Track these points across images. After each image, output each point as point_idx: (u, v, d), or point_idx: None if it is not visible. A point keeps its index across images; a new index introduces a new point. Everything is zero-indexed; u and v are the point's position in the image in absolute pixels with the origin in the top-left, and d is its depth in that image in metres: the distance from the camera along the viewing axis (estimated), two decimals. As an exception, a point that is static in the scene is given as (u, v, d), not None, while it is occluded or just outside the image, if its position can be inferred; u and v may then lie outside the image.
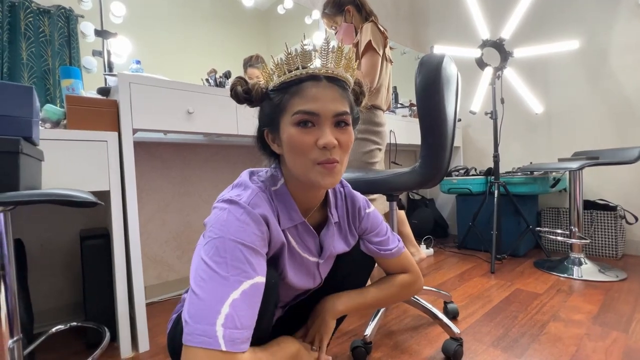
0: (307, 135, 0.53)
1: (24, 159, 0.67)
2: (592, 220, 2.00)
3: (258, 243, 0.52)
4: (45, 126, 1.07)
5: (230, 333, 0.44)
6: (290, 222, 0.61)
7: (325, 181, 0.54)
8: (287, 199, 0.61)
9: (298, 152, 0.54)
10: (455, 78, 1.02)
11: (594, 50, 2.13)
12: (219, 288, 0.46)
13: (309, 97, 0.53)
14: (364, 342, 0.99)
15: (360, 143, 1.52)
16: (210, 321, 0.44)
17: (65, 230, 1.36)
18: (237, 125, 1.36)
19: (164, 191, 1.63)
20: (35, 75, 1.38)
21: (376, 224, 0.76)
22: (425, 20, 3.05)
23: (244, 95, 0.60)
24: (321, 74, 0.55)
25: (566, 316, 1.23)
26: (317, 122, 0.53)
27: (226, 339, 0.43)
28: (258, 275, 0.50)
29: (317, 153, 0.53)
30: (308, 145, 0.53)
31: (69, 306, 1.36)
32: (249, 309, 0.47)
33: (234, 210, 0.53)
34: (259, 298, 0.50)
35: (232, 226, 0.51)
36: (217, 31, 1.99)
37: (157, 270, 1.61)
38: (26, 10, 1.37)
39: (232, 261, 0.48)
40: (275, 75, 0.57)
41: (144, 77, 1.18)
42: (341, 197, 0.73)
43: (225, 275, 0.47)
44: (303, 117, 0.53)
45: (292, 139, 0.54)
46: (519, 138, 2.49)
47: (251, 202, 0.55)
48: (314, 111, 0.53)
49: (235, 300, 0.46)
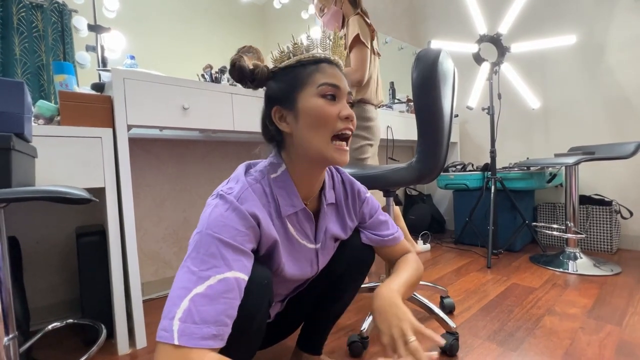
0: (332, 107, 0.57)
1: (16, 155, 0.67)
2: (588, 215, 2.02)
3: (239, 239, 0.51)
4: (39, 122, 1.06)
5: (186, 327, 0.42)
6: (292, 209, 0.62)
7: (341, 158, 0.58)
8: (289, 185, 0.61)
9: (321, 122, 0.57)
10: (452, 73, 1.02)
11: (591, 46, 2.13)
12: (185, 283, 0.46)
13: (329, 74, 0.58)
14: (360, 337, 1.00)
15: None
16: (170, 315, 0.44)
17: (61, 228, 1.35)
18: (233, 121, 1.35)
19: (160, 188, 1.63)
20: (29, 71, 1.36)
21: (375, 209, 0.78)
22: (422, 16, 3.04)
23: (249, 73, 0.60)
24: (334, 60, 0.61)
25: (561, 310, 1.24)
26: (339, 96, 0.58)
27: (180, 333, 0.42)
28: (232, 270, 0.48)
29: (340, 123, 0.57)
30: (333, 115, 0.57)
31: (65, 303, 1.36)
32: (212, 303, 0.45)
33: (220, 205, 0.53)
34: (233, 294, 0.48)
35: (213, 221, 0.51)
36: (213, 26, 1.97)
37: (154, 266, 1.61)
38: (19, 4, 1.35)
39: (204, 256, 0.48)
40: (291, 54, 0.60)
41: (139, 73, 1.16)
42: (338, 181, 0.74)
43: (194, 270, 0.47)
44: (329, 89, 0.57)
45: (318, 109, 0.57)
46: (516, 133, 2.49)
47: (241, 197, 0.55)
48: (338, 84, 0.58)
49: (197, 295, 0.45)
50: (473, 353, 0.98)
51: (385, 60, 2.87)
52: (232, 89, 1.37)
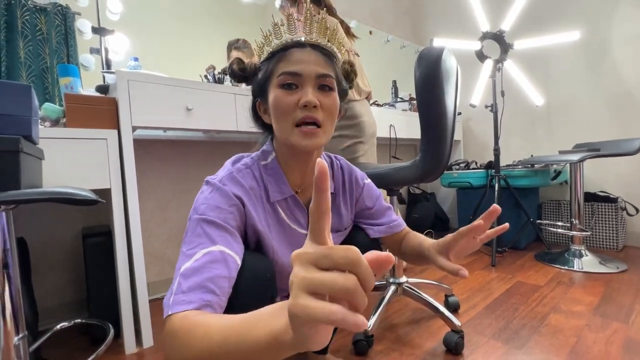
0: (290, 96, 0.55)
1: (24, 157, 0.67)
2: (593, 212, 2.00)
3: (222, 216, 0.53)
4: (45, 125, 1.07)
5: (176, 298, 0.44)
6: (280, 195, 0.62)
7: (305, 142, 0.56)
8: (277, 172, 0.62)
9: (281, 112, 0.56)
10: (454, 71, 1.02)
11: (595, 42, 2.11)
12: (178, 264, 0.48)
13: (293, 60, 0.56)
14: (365, 335, 1.00)
15: (336, 140, 1.48)
16: (169, 294, 0.45)
17: (68, 228, 1.37)
18: (237, 122, 1.36)
19: (164, 189, 1.64)
20: (33, 74, 1.37)
21: (377, 195, 0.77)
22: (424, 13, 3.02)
23: (240, 72, 0.62)
24: (305, 41, 0.57)
25: (567, 308, 1.23)
26: (300, 83, 0.55)
27: (172, 304, 0.43)
28: (217, 244, 0.49)
29: (298, 112, 0.55)
30: (290, 104, 0.55)
31: (73, 303, 1.37)
32: (197, 274, 0.46)
33: (205, 190, 0.56)
34: (218, 264, 0.48)
35: (199, 205, 0.54)
36: (215, 26, 1.97)
37: (159, 266, 1.62)
38: (22, 8, 1.36)
39: (191, 237, 0.50)
40: (265, 46, 0.59)
41: (142, 74, 1.17)
42: (338, 168, 0.73)
43: (184, 251, 0.49)
44: (286, 78, 0.55)
45: (276, 100, 0.56)
46: (519, 131, 2.48)
47: (222, 179, 0.57)
48: (296, 71, 0.55)
49: (185, 269, 0.46)
50: (478, 351, 0.98)
51: (388, 58, 2.87)
52: (235, 89, 1.38)
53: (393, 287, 1.16)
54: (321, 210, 0.26)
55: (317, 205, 0.26)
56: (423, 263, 0.68)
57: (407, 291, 1.16)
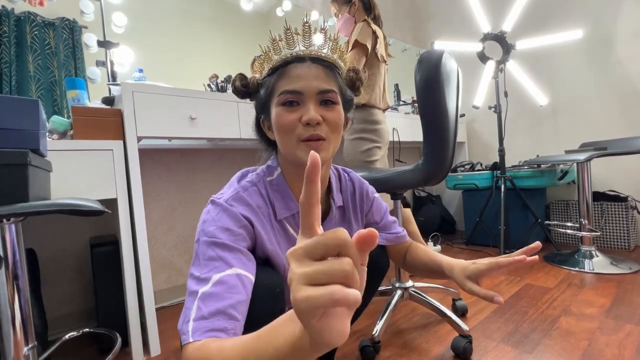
0: (291, 114, 0.54)
1: (33, 170, 0.69)
2: (603, 212, 1.97)
3: (233, 238, 0.52)
4: (53, 137, 1.09)
5: (198, 324, 0.43)
6: (288, 212, 0.62)
7: None
8: (283, 188, 0.62)
9: (284, 130, 0.55)
10: (455, 73, 1.02)
11: (598, 39, 2.09)
12: (192, 288, 0.47)
13: (292, 77, 0.55)
14: (372, 341, 0.99)
15: (356, 142, 1.52)
16: (186, 320, 0.44)
17: (76, 238, 1.39)
18: (240, 129, 1.37)
19: (171, 196, 1.65)
20: (42, 87, 1.41)
21: (384, 209, 0.78)
22: (425, 16, 3.03)
23: (242, 88, 0.62)
24: (305, 55, 0.56)
25: (578, 310, 1.21)
26: (302, 100, 0.55)
27: (193, 331, 0.42)
28: (233, 267, 0.49)
29: (301, 130, 0.54)
30: (292, 123, 0.54)
31: (81, 312, 1.39)
32: (218, 299, 0.45)
33: (212, 211, 0.55)
34: (238, 289, 0.47)
35: (207, 227, 0.53)
36: (218, 36, 2.00)
37: (166, 274, 1.63)
38: (32, 23, 1.40)
39: (204, 260, 0.49)
40: (265, 63, 0.59)
41: (147, 86, 1.20)
42: (346, 180, 0.73)
43: (198, 275, 0.48)
44: (287, 97, 0.54)
45: (278, 119, 0.55)
46: (524, 131, 2.46)
47: (229, 199, 0.56)
48: (297, 89, 0.54)
49: (204, 294, 0.45)
50: (487, 356, 0.97)
51: (389, 61, 2.87)
52: (238, 97, 1.39)
53: (399, 291, 1.15)
54: (310, 203, 0.26)
55: (306, 197, 0.26)
56: (435, 278, 0.69)
57: (414, 296, 1.15)
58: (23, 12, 1.38)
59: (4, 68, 1.33)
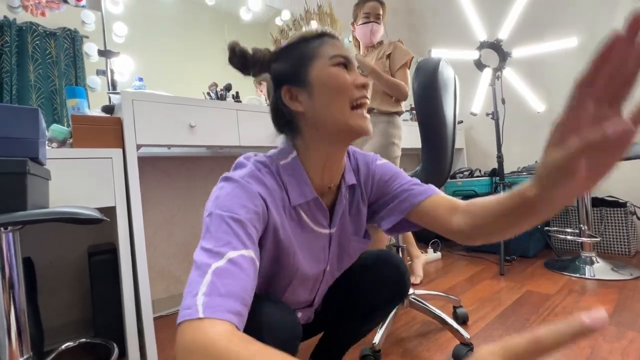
0: (348, 75, 0.56)
1: (31, 179, 0.69)
2: (602, 218, 1.97)
3: (249, 216, 0.48)
4: (52, 146, 1.09)
5: (211, 300, 0.38)
6: (302, 198, 0.57)
7: (368, 125, 0.56)
8: (299, 172, 0.57)
9: (339, 91, 0.54)
10: (452, 81, 1.03)
11: (593, 47, 2.10)
12: (203, 260, 0.42)
13: (337, 46, 0.57)
14: (372, 350, 0.98)
15: (391, 148, 1.54)
16: (193, 292, 0.39)
17: (74, 247, 1.38)
18: (239, 137, 1.38)
19: (170, 204, 1.65)
20: (43, 96, 1.42)
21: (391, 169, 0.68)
22: (422, 25, 3.07)
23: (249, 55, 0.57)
24: (334, 34, 0.60)
25: (579, 317, 1.20)
26: (350, 67, 0.57)
27: (205, 306, 0.37)
28: (247, 249, 0.45)
29: (356, 92, 0.55)
30: (349, 83, 0.55)
31: (78, 322, 1.37)
32: (234, 278, 0.41)
33: (227, 186, 0.51)
34: (249, 272, 0.43)
35: (222, 201, 0.48)
36: (218, 45, 2.02)
37: (165, 283, 1.62)
38: (33, 33, 1.42)
39: (217, 233, 0.45)
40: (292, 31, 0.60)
41: (146, 94, 1.20)
42: (354, 158, 0.69)
43: (210, 247, 0.43)
44: (342, 59, 0.56)
45: (335, 77, 0.55)
46: (522, 137, 2.47)
47: (244, 177, 0.52)
48: (348, 56, 0.57)
49: (219, 269, 0.41)
50: (489, 364, 0.95)
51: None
52: (237, 105, 1.40)
53: (399, 299, 1.14)
54: None
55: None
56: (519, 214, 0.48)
57: (414, 303, 1.14)
58: (25, 22, 1.40)
59: (4, 77, 1.34)
